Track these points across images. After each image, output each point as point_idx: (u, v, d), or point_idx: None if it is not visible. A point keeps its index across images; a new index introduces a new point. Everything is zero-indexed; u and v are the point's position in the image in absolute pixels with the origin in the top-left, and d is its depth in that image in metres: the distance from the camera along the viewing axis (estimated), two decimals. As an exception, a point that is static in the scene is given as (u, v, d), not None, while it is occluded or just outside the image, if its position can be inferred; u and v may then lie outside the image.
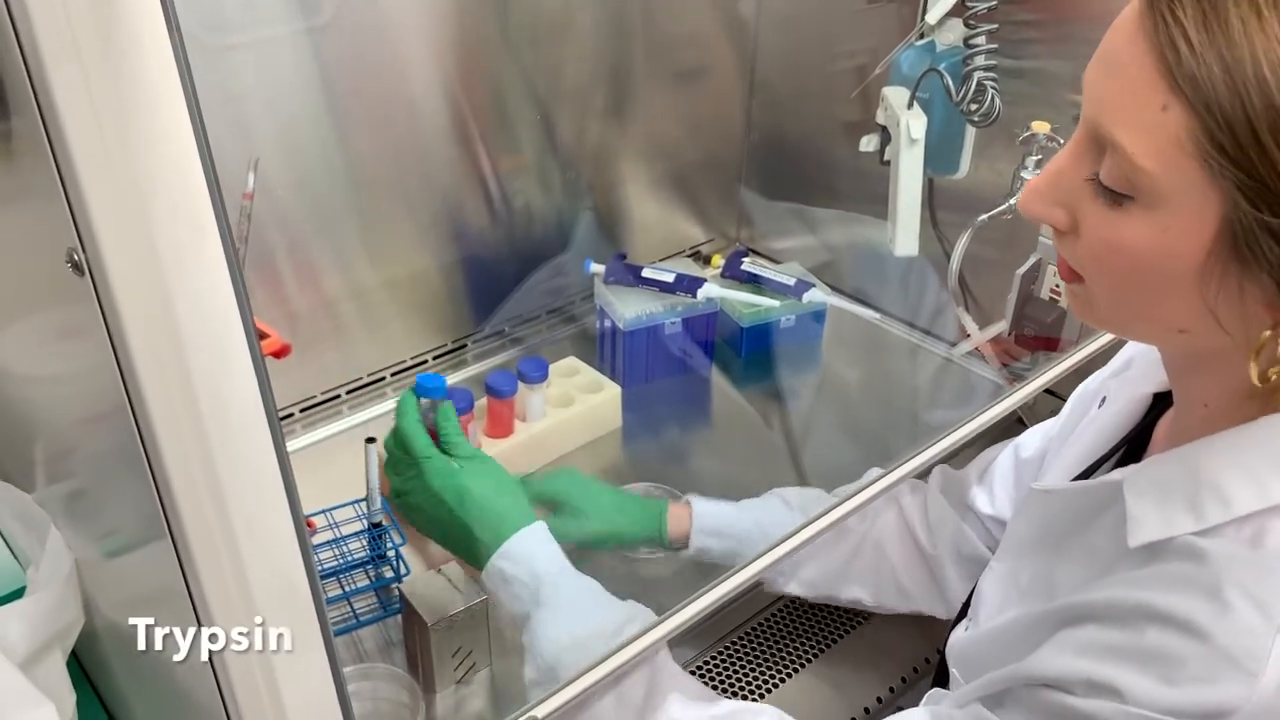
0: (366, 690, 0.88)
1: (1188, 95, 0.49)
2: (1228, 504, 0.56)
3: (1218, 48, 0.48)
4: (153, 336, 0.42)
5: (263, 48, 0.99)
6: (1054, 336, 1.13)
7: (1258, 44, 0.47)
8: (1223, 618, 0.53)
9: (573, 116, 1.26)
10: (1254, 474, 0.56)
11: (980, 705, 0.63)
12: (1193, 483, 0.58)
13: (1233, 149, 0.48)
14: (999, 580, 0.76)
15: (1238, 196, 0.49)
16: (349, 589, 0.95)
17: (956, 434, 0.93)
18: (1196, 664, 0.53)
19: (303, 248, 1.09)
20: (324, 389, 1.18)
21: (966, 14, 1.04)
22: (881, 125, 1.12)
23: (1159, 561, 0.58)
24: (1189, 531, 0.57)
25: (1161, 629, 0.55)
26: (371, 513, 0.97)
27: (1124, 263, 0.56)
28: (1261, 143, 0.48)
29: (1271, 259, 0.50)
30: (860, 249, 1.34)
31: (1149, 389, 0.73)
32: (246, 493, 0.47)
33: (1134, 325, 0.62)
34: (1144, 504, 0.60)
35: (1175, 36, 0.49)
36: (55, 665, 0.73)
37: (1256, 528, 0.56)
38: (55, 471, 0.72)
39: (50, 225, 0.43)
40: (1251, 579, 0.54)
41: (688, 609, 0.77)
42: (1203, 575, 0.55)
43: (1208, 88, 0.48)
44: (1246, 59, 0.47)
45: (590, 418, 1.16)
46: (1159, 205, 0.53)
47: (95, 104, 0.38)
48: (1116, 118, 0.53)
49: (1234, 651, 0.52)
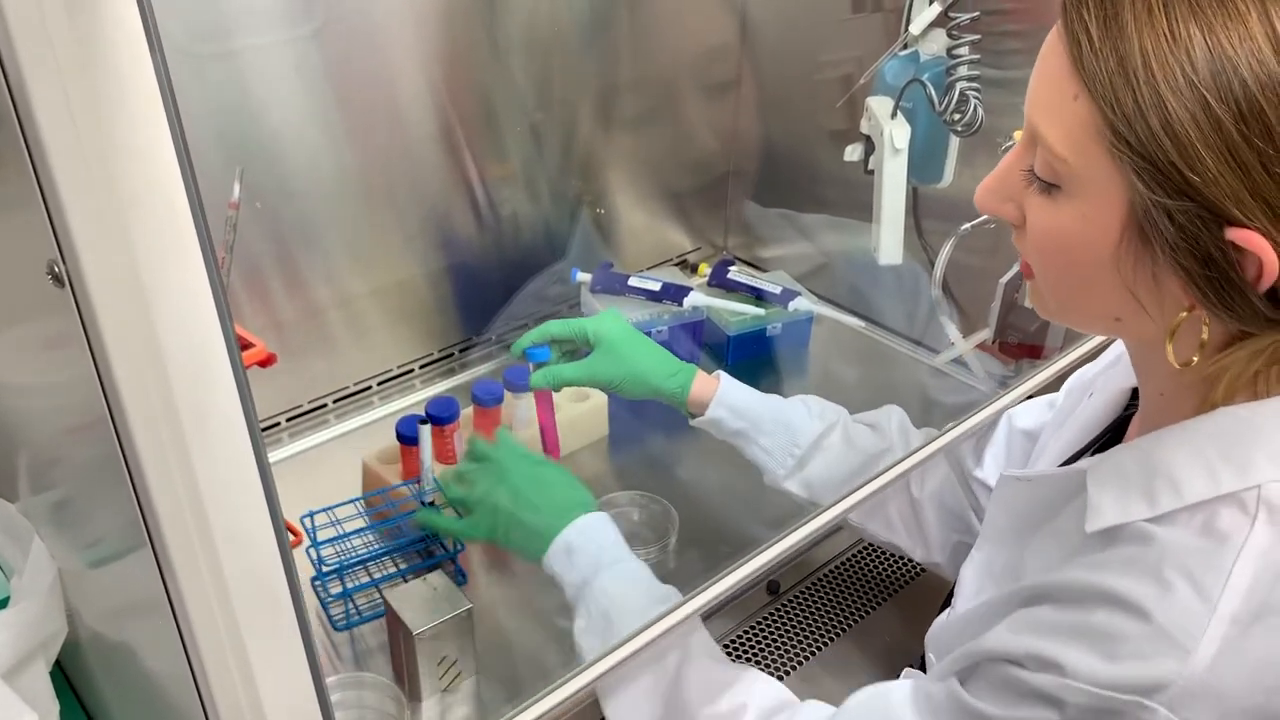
0: (352, 699, 0.88)
1: (1089, 86, 0.53)
2: (1179, 492, 0.59)
3: (1113, 41, 0.52)
4: (133, 348, 0.43)
5: (251, 56, 0.99)
6: (1037, 344, 1.14)
7: (1146, 38, 0.52)
8: (1163, 598, 0.56)
9: (561, 125, 1.27)
10: (1206, 463, 0.59)
11: (954, 680, 0.65)
12: (1148, 472, 0.61)
13: (1128, 134, 0.52)
14: (976, 569, 0.79)
15: (1135, 179, 0.53)
16: (403, 567, 0.99)
17: (940, 440, 0.94)
18: (1136, 641, 0.56)
19: (290, 257, 1.09)
20: (311, 398, 1.18)
21: (949, 25, 1.05)
22: (866, 135, 1.13)
23: (1114, 546, 0.60)
24: (1143, 518, 0.59)
25: (1109, 609, 0.58)
26: (426, 491, 0.99)
27: (1057, 250, 0.60)
28: (1151, 127, 0.52)
29: (1168, 237, 0.53)
30: (846, 257, 1.35)
31: (1129, 384, 0.75)
32: (226, 502, 0.47)
33: (1076, 314, 0.64)
34: (1104, 492, 0.62)
35: (1079, 32, 0.54)
36: (39, 675, 0.73)
37: (1207, 515, 0.58)
38: (39, 481, 0.72)
39: (30, 237, 0.43)
40: (1194, 563, 0.56)
41: (705, 594, 0.80)
42: (1149, 558, 0.58)
43: (1104, 78, 0.53)
44: (1136, 52, 0.52)
45: (577, 426, 1.16)
46: (1078, 193, 0.57)
47: (74, 116, 0.39)
48: (1038, 108, 0.57)
49: (1171, 630, 0.55)
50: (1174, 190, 0.52)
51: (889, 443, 0.98)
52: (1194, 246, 0.53)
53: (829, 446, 0.97)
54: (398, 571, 0.99)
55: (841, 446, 0.98)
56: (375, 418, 1.21)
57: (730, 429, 0.99)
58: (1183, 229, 0.53)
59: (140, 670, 0.66)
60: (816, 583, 1.12)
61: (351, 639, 0.96)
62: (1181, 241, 0.53)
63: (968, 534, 0.97)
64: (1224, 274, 0.53)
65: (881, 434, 0.99)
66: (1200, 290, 0.55)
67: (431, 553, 1.00)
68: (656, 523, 1.04)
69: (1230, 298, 0.54)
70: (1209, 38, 0.51)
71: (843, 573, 1.13)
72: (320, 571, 0.96)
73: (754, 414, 0.98)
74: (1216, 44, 0.50)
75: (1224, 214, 0.52)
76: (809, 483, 0.98)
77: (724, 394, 0.99)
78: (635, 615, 0.79)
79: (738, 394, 0.99)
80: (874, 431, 0.99)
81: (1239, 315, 0.55)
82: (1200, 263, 0.53)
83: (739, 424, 0.98)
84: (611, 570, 0.84)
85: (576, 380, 1.01)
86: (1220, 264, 0.53)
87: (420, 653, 0.86)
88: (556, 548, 0.86)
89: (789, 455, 0.97)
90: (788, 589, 1.11)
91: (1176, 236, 0.53)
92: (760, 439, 0.98)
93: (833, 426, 0.98)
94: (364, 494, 1.07)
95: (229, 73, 0.98)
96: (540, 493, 0.90)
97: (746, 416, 0.98)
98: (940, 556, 1.00)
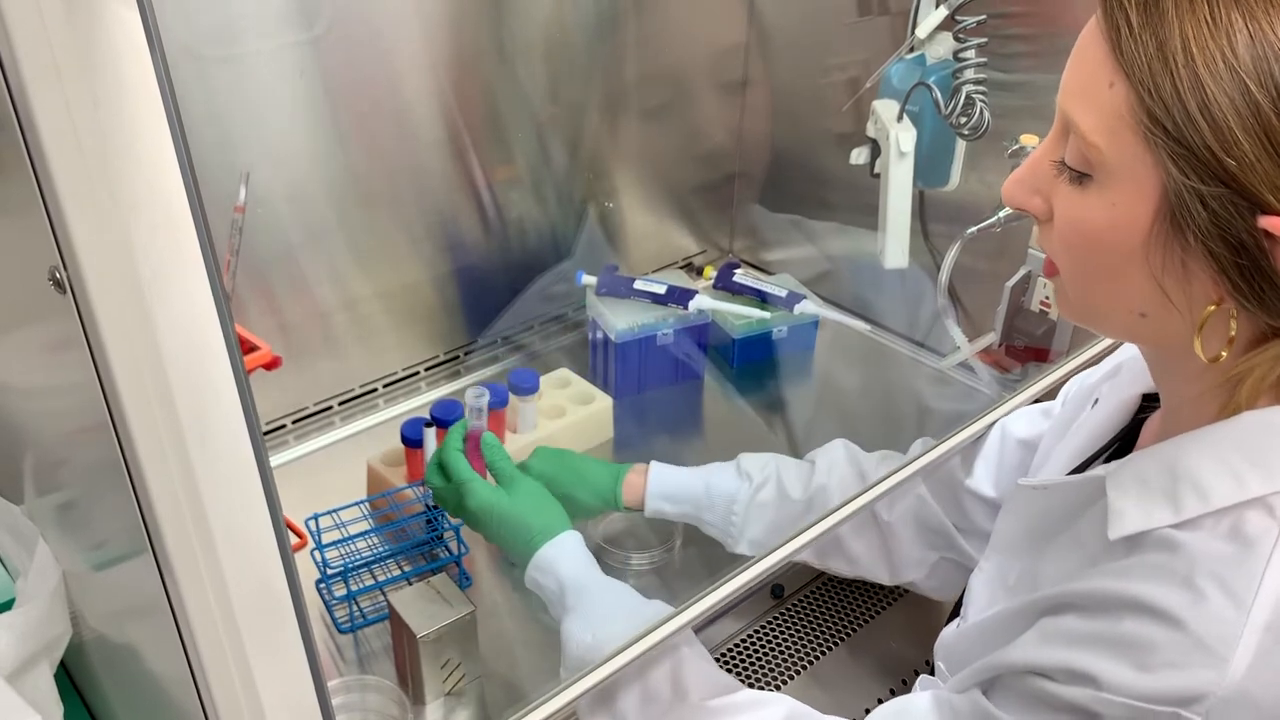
0: (355, 702, 0.88)
1: (1126, 71, 0.54)
2: (1205, 497, 0.58)
3: (1153, 27, 0.53)
4: (134, 354, 0.43)
5: (257, 60, 0.99)
6: (1044, 348, 1.13)
7: (1188, 24, 0.52)
8: (1195, 606, 0.55)
9: (566, 129, 1.27)
10: (1231, 468, 0.58)
11: (977, 691, 0.65)
12: (1171, 477, 0.60)
13: (1164, 118, 0.52)
14: (988, 579, 0.78)
15: (1169, 165, 0.53)
16: (407, 570, 0.99)
17: (945, 445, 0.93)
18: (1169, 651, 0.55)
19: (295, 259, 1.10)
20: (316, 400, 1.18)
21: (956, 28, 1.05)
22: (872, 138, 1.12)
23: (1138, 553, 0.60)
24: (1167, 524, 0.59)
25: (1137, 618, 0.57)
26: (430, 494, 0.99)
27: (1083, 241, 0.59)
28: (1188, 111, 0.52)
29: (1200, 224, 0.53)
30: (852, 261, 1.35)
31: (1138, 390, 0.74)
32: (227, 506, 0.47)
33: (1101, 311, 0.63)
34: (1125, 498, 0.62)
35: (1119, 18, 0.54)
36: (43, 677, 0.73)
37: (1234, 520, 0.57)
38: (43, 484, 0.73)
39: (32, 242, 0.43)
40: (1225, 569, 0.55)
41: (700, 603, 0.79)
42: (1178, 565, 0.57)
43: (1143, 63, 0.53)
44: (1176, 36, 0.52)
45: (582, 429, 1.16)
46: (1109, 181, 0.56)
47: (75, 122, 0.39)
48: (1074, 97, 0.57)
49: (1206, 638, 0.54)
50: (1209, 175, 0.52)
51: (828, 479, 0.97)
52: (1226, 233, 0.53)
53: (763, 503, 0.97)
54: (402, 574, 0.99)
55: (775, 500, 0.97)
56: (380, 420, 1.21)
57: (674, 515, 0.99)
58: (1215, 215, 0.53)
59: (143, 672, 0.67)
60: (821, 587, 1.12)
61: (356, 641, 0.96)
62: (1214, 228, 0.53)
63: (950, 550, 0.96)
64: (1255, 263, 0.53)
65: (821, 470, 0.98)
66: (1230, 280, 0.54)
67: (436, 555, 1.00)
68: (661, 526, 1.04)
69: (1260, 288, 0.54)
70: (1250, 24, 0.51)
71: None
72: (324, 574, 0.96)
73: (689, 494, 0.98)
74: (1259, 30, 0.51)
75: (1258, 200, 0.52)
76: (757, 543, 0.97)
77: (654, 485, 0.98)
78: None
79: (668, 480, 0.98)
80: (813, 467, 0.98)
81: (1268, 308, 0.55)
82: (1232, 250, 0.53)
83: (680, 508, 0.98)
84: (576, 615, 0.83)
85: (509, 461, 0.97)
86: (1252, 252, 0.53)
87: (424, 656, 0.86)
88: (529, 584, 0.87)
89: (730, 524, 0.97)
90: (792, 593, 1.11)
91: (1209, 223, 0.53)
92: (704, 515, 0.98)
93: (764, 482, 0.97)
94: (369, 496, 1.07)
95: (235, 76, 0.98)
96: (504, 525, 0.90)
97: (684, 500, 0.98)
98: (914, 575, 0.99)
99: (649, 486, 0.98)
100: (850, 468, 0.98)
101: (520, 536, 0.88)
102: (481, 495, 0.91)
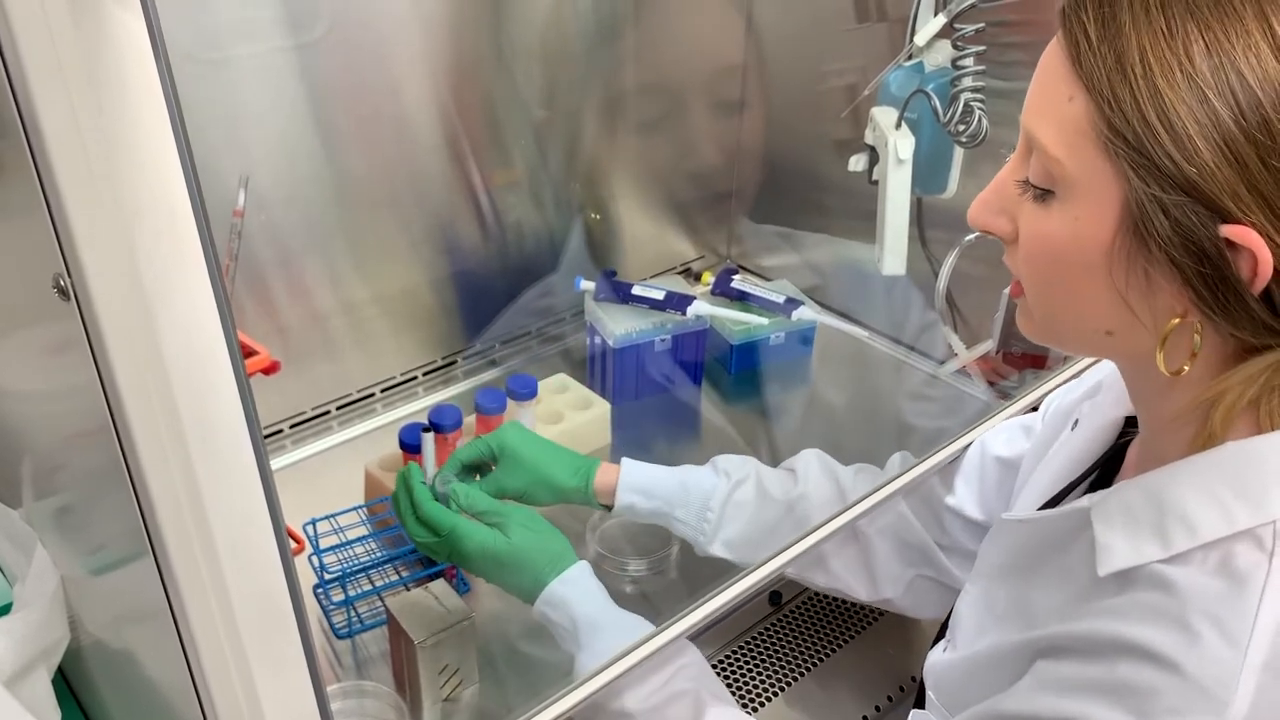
0: (353, 708, 0.88)
1: (1086, 84, 0.54)
2: (1193, 530, 0.57)
3: (1111, 40, 0.53)
4: (136, 358, 0.43)
5: (255, 63, 0.99)
6: (1041, 354, 1.13)
7: (1144, 36, 0.53)
8: (1192, 648, 0.54)
9: (565, 134, 1.27)
10: (1218, 500, 0.57)
11: None
12: (1158, 510, 0.59)
13: (1124, 128, 0.53)
14: (974, 604, 0.77)
15: (1131, 175, 0.53)
16: (404, 575, 0.99)
17: (943, 453, 0.93)
18: (1168, 696, 0.54)
19: (294, 264, 1.10)
20: (314, 404, 1.18)
21: (954, 36, 1.05)
22: (870, 145, 1.12)
23: (1130, 591, 0.58)
24: (1156, 559, 0.58)
25: (1133, 661, 0.55)
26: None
27: (1047, 257, 0.59)
28: (1148, 120, 0.52)
29: (1163, 234, 0.53)
30: (850, 267, 1.35)
31: (1120, 413, 0.73)
32: (228, 510, 0.47)
33: (1065, 329, 0.63)
34: (1112, 532, 0.60)
35: (1077, 33, 0.55)
36: (41, 682, 0.73)
37: (1223, 554, 0.56)
38: (42, 488, 0.72)
39: (36, 248, 0.43)
40: (1219, 607, 0.54)
41: (689, 617, 0.79)
42: (1171, 605, 0.56)
43: (1102, 75, 0.53)
44: (1134, 48, 0.53)
45: (580, 434, 1.16)
46: (1071, 195, 0.57)
47: (80, 127, 0.39)
48: (1036, 114, 0.58)
49: (1204, 681, 0.53)
50: (1169, 184, 0.52)
51: (807, 486, 0.96)
52: (1189, 241, 0.53)
53: (742, 501, 0.95)
54: (400, 579, 0.99)
55: (755, 499, 0.95)
56: (378, 425, 1.21)
57: (645, 511, 0.96)
58: (1177, 223, 0.53)
59: (142, 678, 0.66)
60: (819, 594, 1.11)
61: (353, 647, 0.96)
62: (1176, 236, 0.53)
63: (928, 567, 0.95)
64: (1218, 272, 0.53)
65: (799, 478, 0.96)
66: (1194, 290, 0.54)
67: (434, 561, 1.00)
68: (659, 532, 1.04)
69: (1225, 298, 0.54)
70: (1206, 34, 0.51)
71: (845, 583, 1.13)
72: (322, 579, 0.96)
73: (663, 490, 0.95)
74: (1214, 40, 0.51)
75: (1220, 208, 0.52)
76: (731, 542, 0.95)
77: (627, 478, 0.95)
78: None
79: (641, 475, 0.96)
80: (792, 475, 0.97)
81: (1234, 320, 0.55)
82: (1195, 259, 0.53)
83: (652, 504, 0.95)
84: (590, 654, 0.81)
85: (486, 498, 0.91)
86: (1215, 260, 0.53)
87: (421, 661, 0.86)
88: (538, 619, 0.85)
89: (704, 521, 0.95)
90: (790, 599, 1.11)
91: (1171, 232, 0.53)
92: (676, 512, 0.95)
93: (744, 480, 0.96)
94: (366, 501, 1.07)
95: (234, 80, 0.98)
96: (503, 565, 0.86)
97: (657, 494, 0.95)
98: (892, 592, 0.97)
99: (621, 479, 0.95)
100: (825, 477, 0.96)
101: (526, 576, 0.85)
102: (476, 540, 0.86)
